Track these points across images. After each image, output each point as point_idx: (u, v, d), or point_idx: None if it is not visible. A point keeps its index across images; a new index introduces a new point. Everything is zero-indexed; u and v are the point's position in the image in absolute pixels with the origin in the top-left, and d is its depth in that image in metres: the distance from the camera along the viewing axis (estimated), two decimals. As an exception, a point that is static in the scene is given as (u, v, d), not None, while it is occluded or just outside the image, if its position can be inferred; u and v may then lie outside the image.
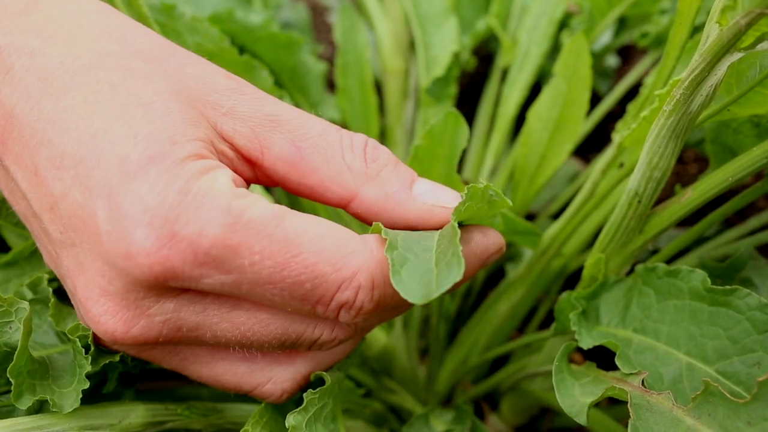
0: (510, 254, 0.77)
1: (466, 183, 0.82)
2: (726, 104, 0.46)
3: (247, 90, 0.41)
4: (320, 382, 0.43)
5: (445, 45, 0.78)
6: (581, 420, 0.41)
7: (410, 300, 0.33)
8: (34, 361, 0.42)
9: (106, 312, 0.37)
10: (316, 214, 0.39)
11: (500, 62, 0.81)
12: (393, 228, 0.41)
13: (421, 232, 0.40)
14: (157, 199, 0.35)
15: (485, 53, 0.98)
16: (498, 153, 0.76)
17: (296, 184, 0.41)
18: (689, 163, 0.85)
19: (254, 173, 0.42)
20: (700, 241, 0.67)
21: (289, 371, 0.43)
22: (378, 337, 0.60)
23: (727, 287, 0.43)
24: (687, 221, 0.64)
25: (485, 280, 0.77)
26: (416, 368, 0.67)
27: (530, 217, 0.81)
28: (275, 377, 0.43)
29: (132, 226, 0.35)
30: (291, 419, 0.40)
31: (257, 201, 0.37)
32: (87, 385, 0.41)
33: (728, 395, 0.37)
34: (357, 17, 0.82)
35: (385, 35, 0.82)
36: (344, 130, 0.43)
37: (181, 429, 0.47)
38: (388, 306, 0.40)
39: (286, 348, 0.41)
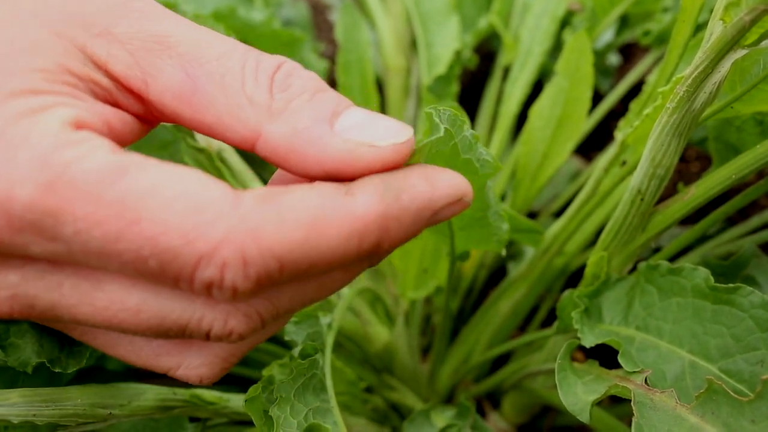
0: (512, 252, 0.77)
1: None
2: (729, 101, 0.46)
3: (135, 6, 0.34)
4: (309, 352, 0.43)
5: (447, 43, 0.77)
6: (584, 418, 0.41)
7: None
8: None
9: None
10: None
11: (502, 60, 0.81)
12: (307, 177, 0.33)
13: None
14: None
15: (487, 51, 0.98)
16: (500, 151, 0.76)
17: (190, 121, 0.33)
18: (691, 161, 0.85)
19: (143, 107, 0.34)
20: (702, 239, 0.66)
21: (203, 356, 0.36)
22: (381, 333, 0.60)
23: (731, 285, 0.43)
24: (689, 219, 0.64)
25: (487, 279, 0.77)
26: (418, 366, 0.67)
27: (532, 215, 0.80)
28: (186, 362, 0.36)
29: None
30: (279, 389, 0.40)
31: (91, 151, 0.29)
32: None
33: (732, 393, 0.37)
34: (358, 15, 0.82)
35: (387, 33, 0.82)
36: (254, 51, 0.34)
37: (188, 416, 0.47)
38: (280, 281, 0.31)
39: (175, 338, 0.34)
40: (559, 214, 0.77)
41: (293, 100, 0.33)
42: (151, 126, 0.36)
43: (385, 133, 0.32)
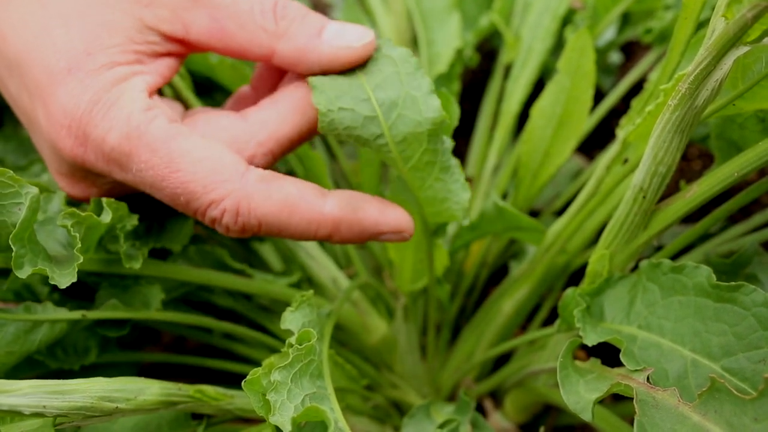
0: (514, 251, 0.76)
1: (470, 179, 0.82)
2: (731, 99, 0.46)
3: None
4: (306, 339, 0.43)
5: (448, 41, 0.77)
6: (586, 416, 0.40)
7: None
8: (39, 243, 0.44)
9: (65, 186, 0.49)
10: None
11: (503, 59, 0.81)
12: (312, 72, 0.48)
13: None
14: (73, 106, 0.43)
15: (488, 50, 0.98)
16: (501, 150, 0.76)
17: (222, 50, 0.48)
18: (693, 159, 0.85)
19: (185, 48, 0.48)
20: (704, 237, 0.66)
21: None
22: (378, 325, 0.60)
23: (733, 283, 0.43)
24: (691, 217, 0.63)
25: (488, 277, 0.77)
26: (418, 363, 0.67)
27: (534, 213, 0.80)
28: None
29: (57, 127, 0.44)
30: (276, 375, 0.40)
31: (157, 117, 0.44)
32: (81, 259, 0.44)
33: (734, 392, 0.36)
34: (360, 13, 0.82)
35: (388, 31, 0.82)
36: None
37: (191, 413, 0.47)
38: (259, 232, 0.46)
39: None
40: (560, 212, 0.76)
41: (291, 26, 0.47)
42: (184, 59, 0.50)
43: (355, 36, 0.47)
